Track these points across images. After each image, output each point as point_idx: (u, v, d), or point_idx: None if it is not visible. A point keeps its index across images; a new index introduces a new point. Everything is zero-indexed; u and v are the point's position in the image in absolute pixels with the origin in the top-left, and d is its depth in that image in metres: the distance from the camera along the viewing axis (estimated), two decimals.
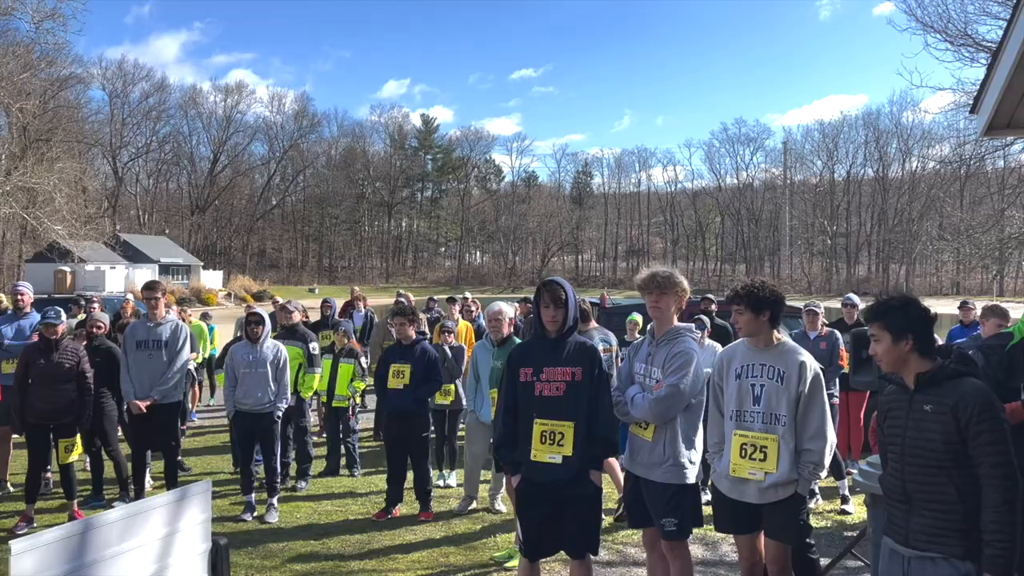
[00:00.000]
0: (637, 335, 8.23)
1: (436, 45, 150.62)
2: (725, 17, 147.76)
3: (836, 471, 7.00)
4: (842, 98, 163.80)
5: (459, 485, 7.67)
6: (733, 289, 4.13)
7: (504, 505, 6.87)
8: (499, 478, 6.66)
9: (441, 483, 7.93)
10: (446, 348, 8.20)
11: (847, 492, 7.17)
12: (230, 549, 4.75)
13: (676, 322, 4.23)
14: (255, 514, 6.77)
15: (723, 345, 5.98)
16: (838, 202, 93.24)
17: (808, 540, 4.15)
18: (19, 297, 8.00)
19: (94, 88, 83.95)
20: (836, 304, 12.49)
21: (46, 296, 20.13)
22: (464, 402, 7.64)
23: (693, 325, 4.53)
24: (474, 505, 7.01)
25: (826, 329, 8.13)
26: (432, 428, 7.56)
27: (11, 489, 7.61)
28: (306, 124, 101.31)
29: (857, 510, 6.94)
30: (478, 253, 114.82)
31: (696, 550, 5.76)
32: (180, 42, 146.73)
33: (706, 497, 5.65)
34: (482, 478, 7.22)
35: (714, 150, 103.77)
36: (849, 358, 7.21)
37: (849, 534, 6.27)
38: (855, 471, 4.76)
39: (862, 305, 9.40)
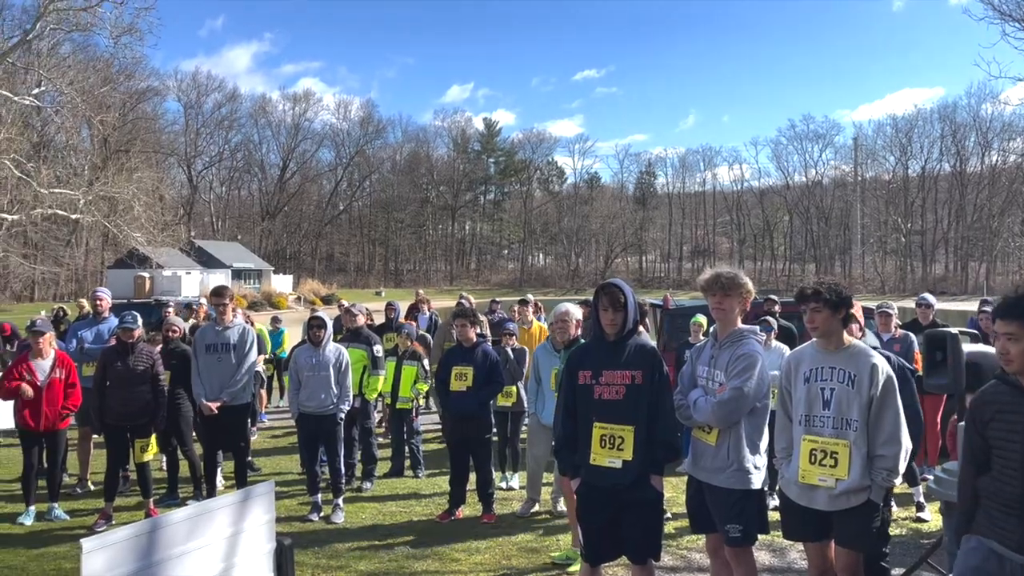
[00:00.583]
0: (701, 337, 8.09)
1: (499, 49, 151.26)
2: (794, 11, 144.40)
3: (910, 478, 6.74)
4: (916, 91, 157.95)
5: (521, 487, 7.65)
6: (805, 287, 3.98)
7: (565, 507, 6.82)
8: (561, 480, 6.62)
9: (503, 485, 7.93)
10: (508, 350, 8.20)
11: (922, 499, 6.89)
12: (296, 549, 4.83)
13: (740, 324, 4.13)
14: (321, 514, 6.88)
15: (788, 348, 5.82)
16: (912, 198, 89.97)
17: (883, 549, 4.00)
18: (98, 302, 8.33)
19: (170, 100, 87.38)
20: (911, 304, 12.06)
21: (126, 301, 20.93)
22: (526, 404, 7.63)
23: (758, 327, 4.41)
24: (536, 508, 6.98)
25: (900, 331, 7.84)
26: (494, 430, 7.57)
27: (91, 487, 7.91)
28: (371, 130, 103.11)
29: (933, 518, 6.67)
30: (541, 255, 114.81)
31: (763, 557, 5.62)
32: (251, 52, 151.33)
33: (773, 503, 5.52)
34: (544, 481, 7.20)
35: (782, 147, 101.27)
36: (923, 360, 6.93)
37: (925, 542, 6.02)
38: (930, 477, 4.56)
39: (938, 305, 9.04)
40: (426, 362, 8.97)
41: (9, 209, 37.13)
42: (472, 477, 6.99)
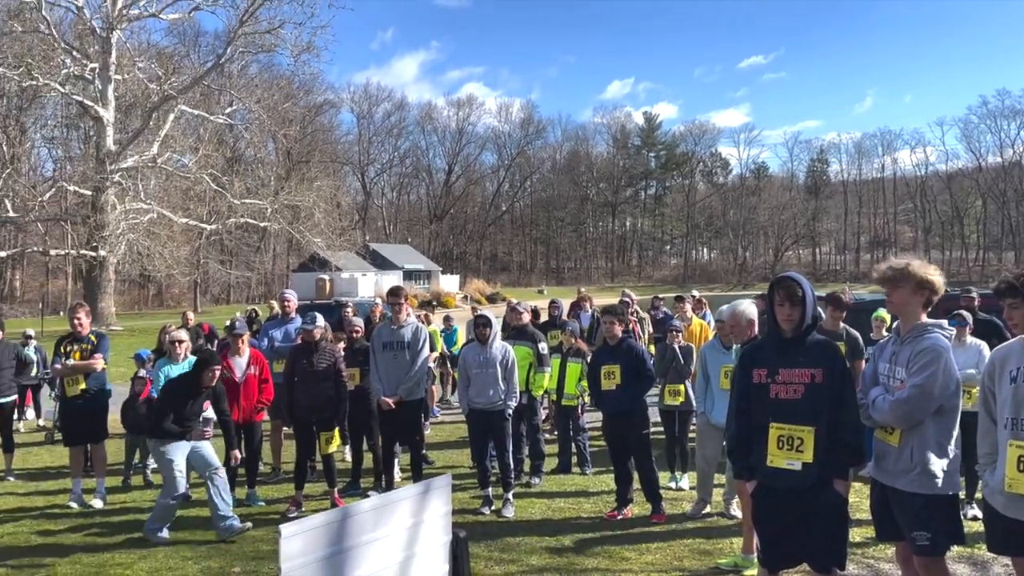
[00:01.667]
0: (884, 333, 7.58)
1: (660, 41, 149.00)
2: None
3: None
4: None
5: (692, 488, 7.49)
6: (1003, 280, 3.63)
7: (739, 511, 6.60)
8: (733, 482, 6.41)
9: (673, 486, 7.79)
10: (675, 347, 8.05)
11: None
12: (470, 541, 4.97)
13: (924, 318, 3.83)
14: (492, 508, 7.05)
15: (993, 343, 5.31)
16: None
17: None
18: (286, 303, 8.97)
19: (344, 111, 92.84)
20: None
21: (309, 302, 22.38)
22: (694, 403, 7.46)
23: (946, 321, 4.06)
24: (707, 509, 6.81)
25: None
26: (651, 426, 7.44)
27: (284, 475, 8.53)
28: (532, 131, 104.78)
29: None
30: (705, 249, 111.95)
31: (961, 569, 5.18)
32: (418, 61, 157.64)
33: (974, 512, 5.09)
34: (716, 482, 7.00)
35: (972, 127, 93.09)
36: None
37: None
38: None
39: None
40: (590, 359, 8.98)
41: (208, 219, 40.75)
42: (638, 476, 6.92)
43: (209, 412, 6.91)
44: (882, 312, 7.88)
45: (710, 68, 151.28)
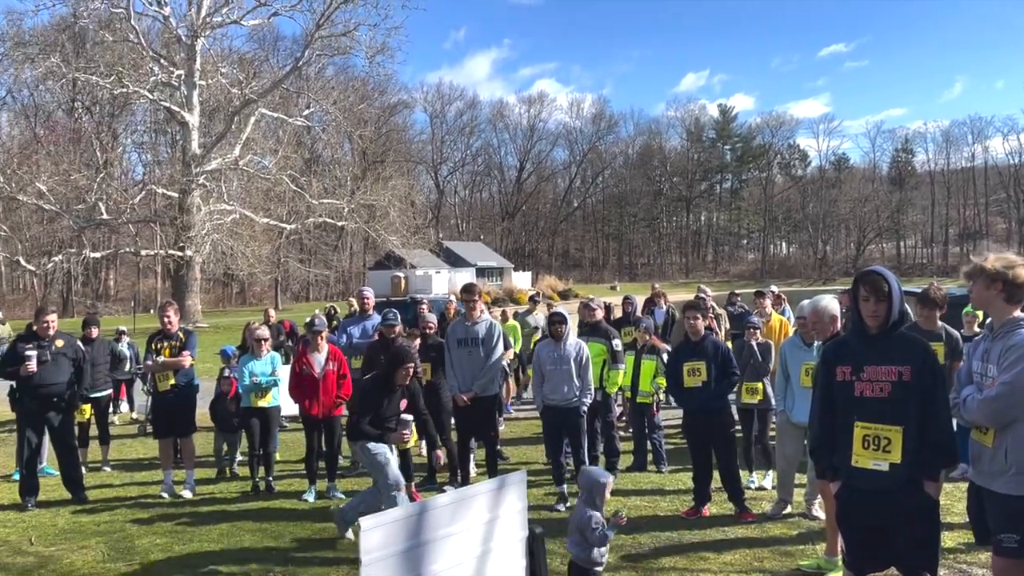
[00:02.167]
0: (976, 329, 7.26)
1: (736, 33, 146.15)
2: None
3: None
4: None
5: (772, 488, 7.33)
6: None
7: (821, 512, 6.42)
8: (816, 482, 6.24)
9: (752, 485, 7.63)
10: (753, 344, 7.88)
11: None
12: (545, 537, 4.98)
13: (1017, 312, 3.65)
14: (567, 505, 7.04)
15: None
16: None
17: None
18: (364, 301, 9.14)
19: (417, 111, 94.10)
20: None
21: (385, 299, 22.82)
22: (773, 401, 7.29)
23: None
24: (788, 510, 6.65)
25: None
26: (739, 427, 7.31)
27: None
28: (603, 126, 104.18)
29: None
30: (783, 244, 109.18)
31: None
32: (491, 59, 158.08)
33: None
34: (797, 482, 6.83)
35: None
36: None
37: None
38: None
39: None
40: (665, 356, 8.87)
41: (287, 219, 41.89)
42: (717, 475, 6.81)
43: (406, 415, 6.66)
44: (972, 307, 7.55)
45: (788, 58, 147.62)
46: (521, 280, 70.76)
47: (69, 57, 35.47)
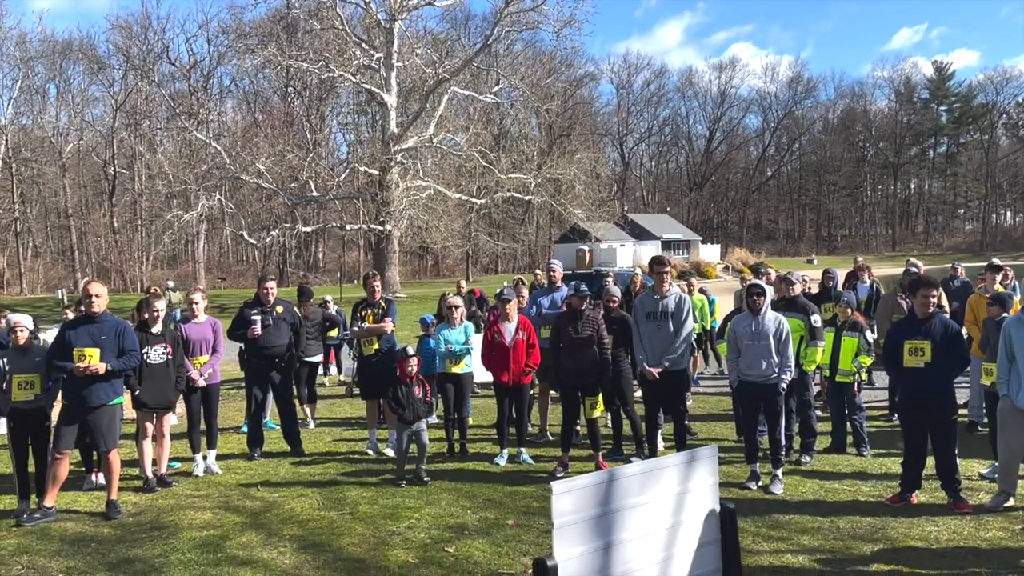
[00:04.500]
0: None
1: None
2: None
3: None
4: None
5: (987, 478, 6.71)
6: None
7: None
8: None
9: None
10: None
11: None
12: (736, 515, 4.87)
13: None
14: (760, 484, 6.84)
15: None
16: None
17: None
18: (552, 273, 9.31)
19: (603, 83, 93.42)
20: None
21: (570, 272, 23.05)
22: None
23: None
24: (1011, 503, 6.07)
25: None
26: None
27: (551, 437, 8.91)
28: (801, 90, 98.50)
29: None
30: (1008, 213, 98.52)
31: None
32: (683, 25, 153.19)
33: None
34: (1021, 472, 6.22)
35: None
36: None
37: None
38: None
39: None
40: (868, 334, 8.32)
41: (478, 194, 43.23)
42: (929, 462, 6.32)
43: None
44: None
45: (1021, 6, 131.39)
46: (709, 253, 68.81)
47: (283, 46, 38.46)
